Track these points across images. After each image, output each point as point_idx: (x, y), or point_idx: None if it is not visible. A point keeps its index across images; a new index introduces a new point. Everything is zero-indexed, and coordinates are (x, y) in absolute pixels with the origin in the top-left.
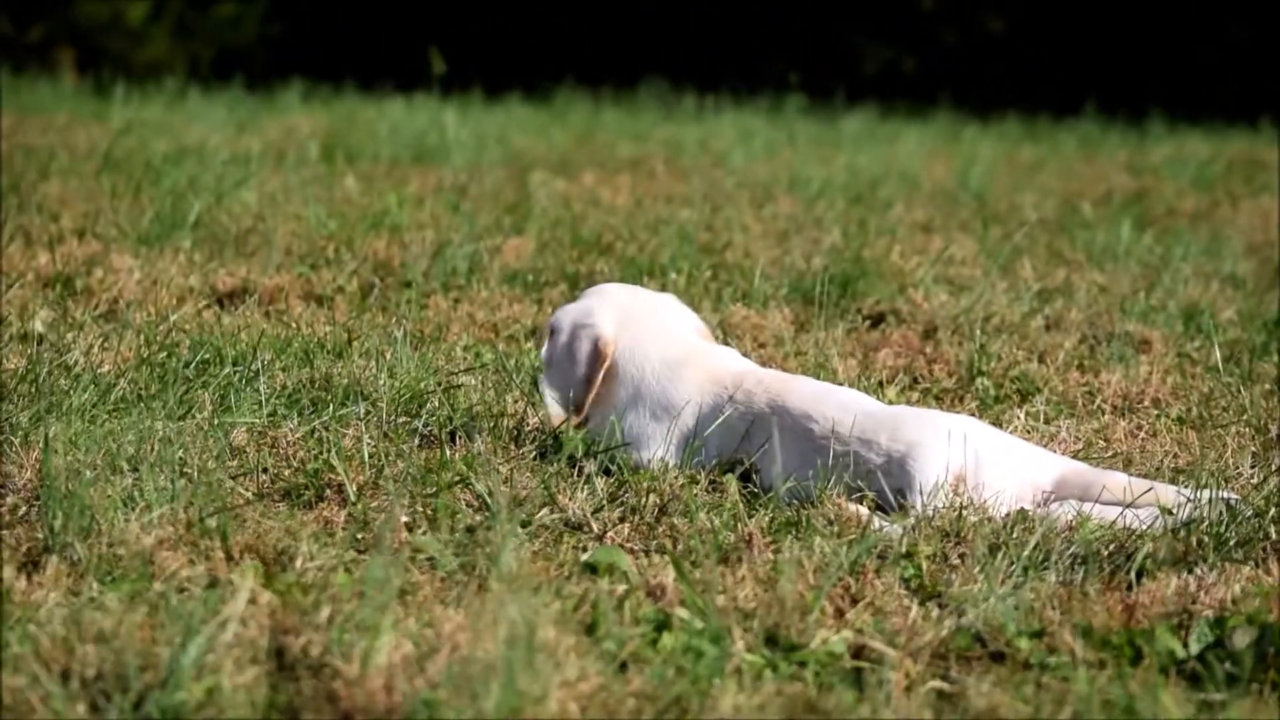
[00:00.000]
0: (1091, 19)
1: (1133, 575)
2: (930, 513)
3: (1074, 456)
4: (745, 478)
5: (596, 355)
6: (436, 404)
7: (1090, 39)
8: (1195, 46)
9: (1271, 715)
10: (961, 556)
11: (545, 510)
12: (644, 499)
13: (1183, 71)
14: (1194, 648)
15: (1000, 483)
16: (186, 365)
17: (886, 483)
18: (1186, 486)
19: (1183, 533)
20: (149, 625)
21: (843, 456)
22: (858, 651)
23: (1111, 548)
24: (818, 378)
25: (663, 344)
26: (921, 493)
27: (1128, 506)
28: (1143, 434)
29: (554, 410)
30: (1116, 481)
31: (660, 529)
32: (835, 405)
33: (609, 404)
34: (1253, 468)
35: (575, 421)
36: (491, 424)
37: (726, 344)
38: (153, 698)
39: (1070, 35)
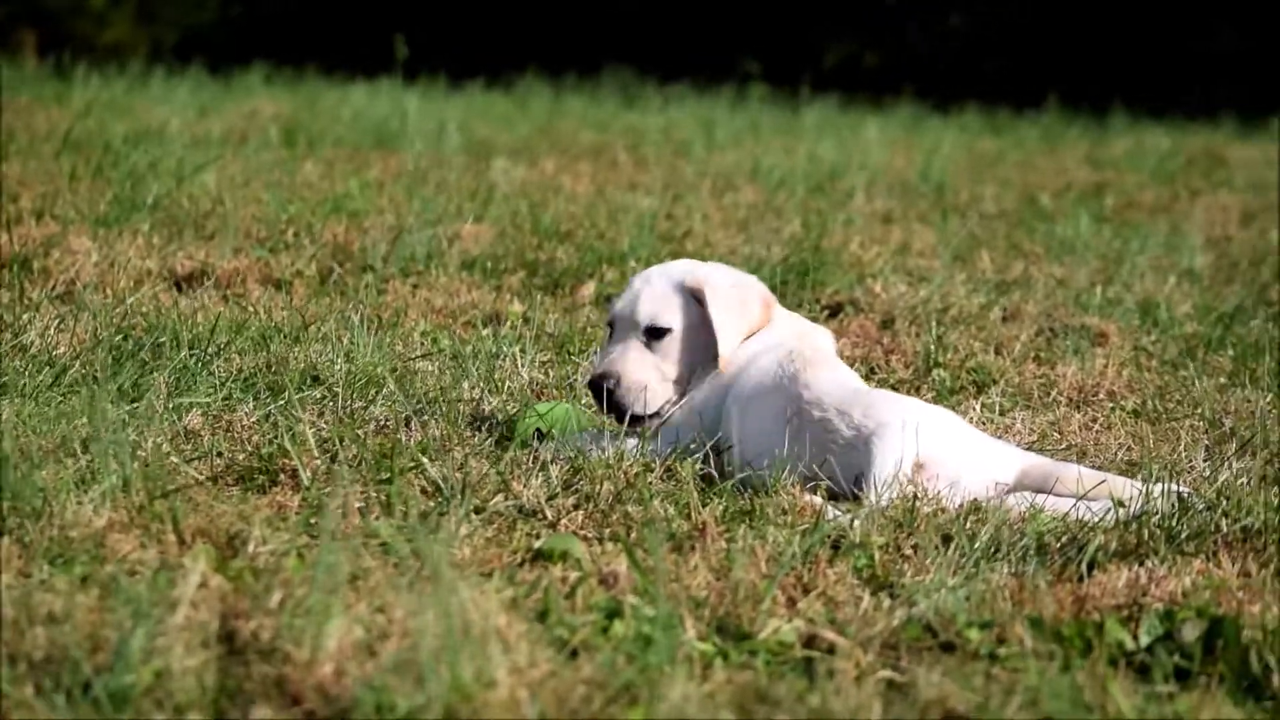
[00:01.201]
0: (1055, 15)
1: (1084, 567)
2: (884, 503)
3: (1028, 448)
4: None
5: (766, 308)
6: (392, 389)
7: (1053, 35)
8: (1159, 44)
9: (1219, 708)
10: (914, 547)
11: (499, 497)
12: (598, 486)
13: (1146, 67)
14: (1144, 640)
15: (961, 476)
16: (142, 348)
17: (850, 458)
18: (1139, 479)
19: (1134, 525)
20: (99, 608)
21: (822, 422)
22: (809, 641)
23: (1063, 540)
24: None
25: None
26: (879, 472)
27: (1081, 498)
28: (1097, 426)
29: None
30: (1069, 474)
31: (614, 517)
32: (831, 380)
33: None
34: (1205, 461)
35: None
36: (447, 410)
37: None
38: (100, 680)
39: (1033, 31)
